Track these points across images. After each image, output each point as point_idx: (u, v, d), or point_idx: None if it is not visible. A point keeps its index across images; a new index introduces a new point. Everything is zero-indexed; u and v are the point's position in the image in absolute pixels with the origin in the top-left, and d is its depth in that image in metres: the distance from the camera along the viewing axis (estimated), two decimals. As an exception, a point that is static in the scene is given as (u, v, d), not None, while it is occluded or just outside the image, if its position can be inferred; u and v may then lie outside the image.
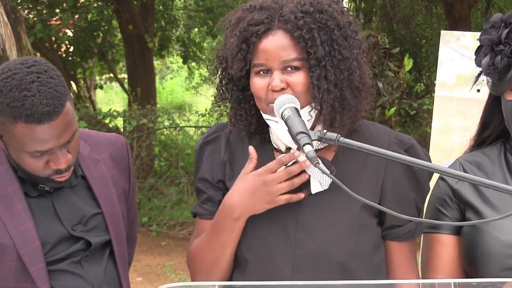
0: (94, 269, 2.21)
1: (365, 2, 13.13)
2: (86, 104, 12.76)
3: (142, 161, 10.20)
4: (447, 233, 2.22)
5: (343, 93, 2.13)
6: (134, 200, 2.46)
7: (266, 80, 2.12)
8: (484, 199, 2.17)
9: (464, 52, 3.72)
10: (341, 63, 2.12)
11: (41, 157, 2.09)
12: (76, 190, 2.24)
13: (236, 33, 2.14)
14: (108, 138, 2.41)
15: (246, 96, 2.21)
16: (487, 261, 2.10)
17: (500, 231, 2.10)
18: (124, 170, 2.39)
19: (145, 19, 12.86)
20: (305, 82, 2.10)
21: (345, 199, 2.12)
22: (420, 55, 12.45)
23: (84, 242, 2.20)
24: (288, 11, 2.11)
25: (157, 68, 20.53)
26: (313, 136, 1.96)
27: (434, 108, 3.89)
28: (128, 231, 2.41)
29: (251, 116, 2.21)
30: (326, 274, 2.12)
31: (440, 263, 2.22)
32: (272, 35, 2.11)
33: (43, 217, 2.18)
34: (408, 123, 7.48)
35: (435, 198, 2.26)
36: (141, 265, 8.40)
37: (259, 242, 2.17)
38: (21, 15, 7.96)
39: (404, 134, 2.30)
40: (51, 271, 2.15)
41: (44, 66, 2.08)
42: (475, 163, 2.23)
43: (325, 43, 2.10)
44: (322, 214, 2.16)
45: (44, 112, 2.01)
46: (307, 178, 2.13)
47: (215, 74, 2.26)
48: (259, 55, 2.12)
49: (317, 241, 2.14)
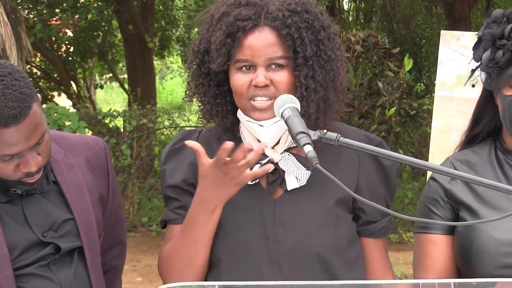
0: (64, 272, 2.17)
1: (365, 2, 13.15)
2: (86, 104, 12.74)
3: (142, 161, 10.20)
4: (439, 233, 2.22)
5: (327, 94, 2.14)
6: (116, 204, 2.40)
7: (249, 76, 2.11)
8: (477, 197, 2.17)
9: (464, 52, 3.72)
10: (326, 64, 2.13)
11: (11, 160, 2.04)
12: (48, 195, 2.19)
13: (222, 27, 2.12)
14: (85, 142, 2.35)
15: (222, 92, 2.20)
16: (481, 259, 2.10)
17: (494, 229, 2.10)
18: (102, 175, 2.33)
19: (145, 19, 12.87)
20: (289, 81, 2.11)
21: (320, 194, 2.16)
22: (420, 55, 12.46)
23: (54, 246, 2.16)
24: (275, 8, 2.12)
25: (157, 68, 20.54)
26: (313, 136, 1.96)
27: (434, 108, 3.89)
28: (112, 235, 2.38)
29: (227, 112, 2.20)
30: (306, 269, 2.13)
31: (432, 263, 2.22)
32: (259, 32, 2.11)
33: (12, 224, 2.13)
34: (408, 123, 7.48)
35: (426, 198, 2.26)
36: (141, 265, 8.40)
37: (236, 240, 2.16)
38: (21, 15, 7.96)
39: (372, 133, 2.33)
40: (19, 275, 2.11)
41: (9, 68, 2.04)
42: (465, 162, 2.23)
43: (312, 43, 2.12)
44: (299, 210, 2.16)
45: (10, 115, 1.97)
46: (270, 169, 2.10)
47: (189, 68, 2.24)
48: (244, 50, 2.11)
49: (296, 237, 2.14)
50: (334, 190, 2.14)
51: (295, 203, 2.17)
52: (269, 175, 2.17)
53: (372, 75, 6.27)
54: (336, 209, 2.18)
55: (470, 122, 2.30)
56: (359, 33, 6.41)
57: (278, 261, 2.14)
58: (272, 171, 2.16)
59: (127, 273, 7.73)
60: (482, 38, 2.16)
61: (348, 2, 13.75)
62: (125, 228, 2.57)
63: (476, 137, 2.28)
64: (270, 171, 2.16)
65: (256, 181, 2.18)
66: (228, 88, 2.19)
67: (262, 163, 2.14)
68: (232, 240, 2.17)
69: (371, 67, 6.30)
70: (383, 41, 6.54)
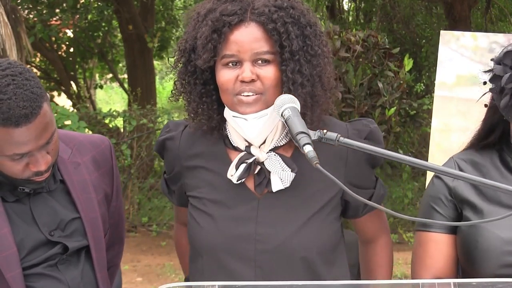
0: (71, 271, 2.18)
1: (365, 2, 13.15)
2: (86, 104, 12.74)
3: (142, 161, 10.19)
4: (440, 232, 2.22)
5: (314, 89, 2.15)
6: (119, 203, 2.43)
7: (235, 72, 2.12)
8: (481, 195, 2.17)
9: (464, 52, 3.72)
10: (313, 59, 2.14)
11: (21, 159, 2.06)
12: (55, 194, 2.21)
13: (208, 22, 2.13)
14: (91, 140, 2.38)
15: (208, 90, 2.21)
16: (485, 258, 2.10)
17: (498, 227, 2.10)
18: (107, 173, 2.36)
19: (145, 19, 12.87)
20: (275, 76, 2.12)
21: (305, 196, 2.17)
22: (420, 55, 12.46)
23: (61, 246, 2.17)
24: (261, 4, 2.13)
25: (157, 68, 20.52)
26: (313, 136, 1.96)
27: (434, 108, 3.89)
28: (114, 233, 2.40)
29: (213, 111, 2.21)
30: (288, 269, 2.14)
31: (432, 261, 2.22)
32: (245, 27, 2.12)
33: (20, 222, 2.15)
34: (408, 123, 7.47)
35: (429, 196, 2.26)
36: (141, 265, 8.40)
37: (217, 238, 2.18)
38: (21, 15, 7.96)
39: (359, 121, 2.31)
40: (27, 275, 2.12)
41: (19, 68, 2.05)
42: (470, 162, 2.23)
43: (299, 37, 2.12)
44: (282, 210, 2.17)
45: (22, 114, 1.98)
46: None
47: (176, 67, 2.25)
48: (230, 46, 2.12)
49: (279, 237, 2.15)
50: (319, 192, 2.15)
51: (279, 204, 2.18)
52: (255, 176, 2.18)
53: (372, 75, 6.27)
54: (321, 212, 2.19)
55: (482, 131, 2.27)
56: (359, 33, 6.40)
57: (259, 260, 2.15)
58: (258, 171, 2.17)
59: (127, 273, 7.73)
60: (505, 86, 2.09)
61: (348, 2, 13.76)
62: (125, 226, 2.59)
63: (489, 143, 2.26)
64: (256, 172, 2.16)
65: (242, 180, 2.18)
66: (214, 87, 2.20)
67: (248, 162, 2.15)
68: (213, 237, 2.18)
69: (371, 67, 6.30)
70: (383, 41, 6.53)
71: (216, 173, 2.23)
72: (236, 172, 2.17)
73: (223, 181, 2.20)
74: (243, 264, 2.15)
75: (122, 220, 2.49)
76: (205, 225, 2.20)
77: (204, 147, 2.26)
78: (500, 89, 2.09)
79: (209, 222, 2.19)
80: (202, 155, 2.25)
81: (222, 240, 2.17)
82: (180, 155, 2.27)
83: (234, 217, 2.18)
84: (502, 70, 2.09)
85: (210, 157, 2.23)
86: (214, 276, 2.16)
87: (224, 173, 2.20)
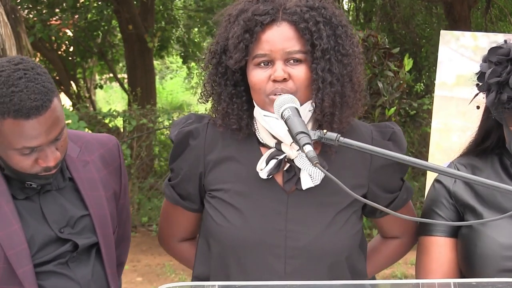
0: (81, 269, 2.20)
1: (365, 2, 13.14)
2: (86, 104, 12.74)
3: (142, 161, 10.19)
4: (442, 235, 2.22)
5: (343, 89, 2.15)
6: (126, 201, 2.45)
7: (267, 72, 2.12)
8: (480, 200, 2.17)
9: (464, 52, 3.72)
10: (344, 58, 2.14)
11: (30, 154, 2.08)
12: (64, 192, 2.23)
13: (240, 22, 2.14)
14: (99, 139, 2.40)
15: (238, 91, 2.21)
16: (484, 263, 2.10)
17: (497, 232, 2.10)
18: (115, 171, 2.37)
19: (145, 19, 12.85)
20: (307, 76, 2.12)
21: (334, 194, 2.16)
22: (420, 55, 12.46)
23: (72, 243, 2.19)
24: (293, 4, 2.14)
25: (157, 68, 20.53)
26: (313, 136, 1.96)
27: (434, 108, 3.89)
28: (121, 231, 2.41)
29: (243, 112, 2.21)
30: (315, 267, 2.15)
31: (436, 266, 2.21)
32: (277, 26, 2.12)
33: (30, 220, 2.17)
34: (408, 123, 7.48)
35: (430, 201, 2.26)
36: (141, 265, 8.40)
37: (247, 233, 2.17)
38: (21, 15, 7.96)
39: (383, 123, 2.33)
40: (38, 272, 2.14)
41: (31, 63, 2.10)
42: (470, 166, 2.23)
43: (330, 37, 2.13)
44: (312, 208, 2.17)
45: (32, 106, 2.02)
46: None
47: (206, 68, 2.26)
48: (262, 45, 2.12)
49: (310, 234, 2.15)
50: (350, 188, 2.13)
51: (309, 201, 2.18)
52: (285, 172, 2.18)
53: (372, 75, 6.27)
54: (349, 210, 2.19)
55: (478, 136, 2.27)
56: (359, 33, 6.40)
57: (289, 256, 2.15)
58: (287, 168, 2.17)
59: (127, 273, 7.73)
60: (488, 81, 2.09)
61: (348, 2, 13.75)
62: (131, 224, 2.61)
63: (487, 148, 2.26)
64: (286, 169, 2.16)
65: (270, 176, 2.18)
66: (245, 88, 2.20)
67: (279, 158, 2.15)
68: (243, 232, 2.17)
69: (371, 67, 6.30)
70: (383, 41, 6.54)
71: (246, 165, 2.21)
72: (266, 167, 2.16)
73: (252, 174, 2.19)
74: (274, 259, 2.15)
75: (129, 218, 2.51)
76: (233, 219, 2.18)
77: (233, 141, 2.24)
78: (487, 87, 2.10)
79: (238, 216, 2.18)
80: (231, 147, 2.23)
81: (252, 235, 2.16)
82: (205, 149, 2.25)
83: (263, 212, 2.17)
84: (487, 67, 2.10)
85: (241, 150, 2.22)
86: (242, 271, 2.16)
87: (253, 166, 2.19)
